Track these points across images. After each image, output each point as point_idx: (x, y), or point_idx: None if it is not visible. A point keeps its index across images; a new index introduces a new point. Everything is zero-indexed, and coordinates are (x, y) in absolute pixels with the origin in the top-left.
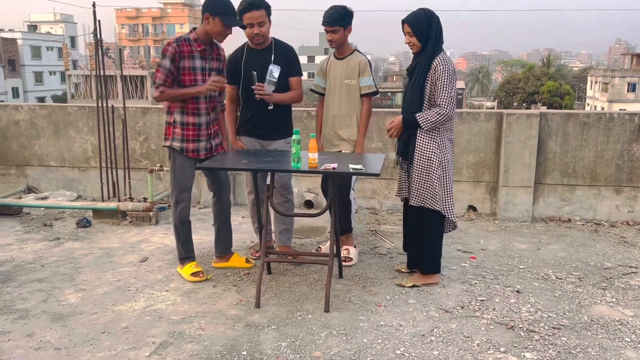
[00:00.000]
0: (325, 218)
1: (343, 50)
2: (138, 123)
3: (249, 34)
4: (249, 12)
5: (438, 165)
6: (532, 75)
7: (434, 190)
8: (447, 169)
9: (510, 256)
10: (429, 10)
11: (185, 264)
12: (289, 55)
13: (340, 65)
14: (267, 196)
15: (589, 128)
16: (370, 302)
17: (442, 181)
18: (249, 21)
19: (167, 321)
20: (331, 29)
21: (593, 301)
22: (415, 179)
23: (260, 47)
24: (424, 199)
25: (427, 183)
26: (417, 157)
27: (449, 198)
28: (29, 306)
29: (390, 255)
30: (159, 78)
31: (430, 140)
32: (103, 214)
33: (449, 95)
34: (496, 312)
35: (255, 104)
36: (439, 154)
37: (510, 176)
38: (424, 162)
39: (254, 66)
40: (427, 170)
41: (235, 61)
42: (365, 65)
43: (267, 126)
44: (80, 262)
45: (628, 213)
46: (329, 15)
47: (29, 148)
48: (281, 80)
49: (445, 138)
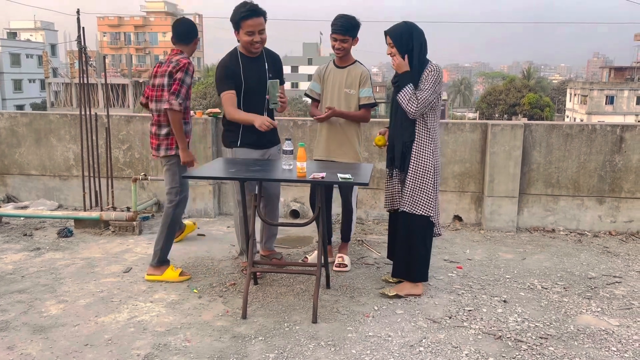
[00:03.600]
0: (311, 228)
1: (346, 59)
2: (122, 131)
3: (248, 41)
4: (251, 19)
5: (433, 173)
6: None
7: (428, 196)
8: (437, 175)
9: (496, 266)
10: (411, 23)
11: (164, 268)
12: (278, 63)
13: (340, 73)
14: (254, 205)
15: (572, 139)
16: (358, 313)
17: (434, 187)
18: (250, 29)
19: (152, 333)
20: (342, 38)
21: (579, 311)
22: (410, 186)
23: (253, 56)
24: (417, 205)
25: (422, 190)
26: (414, 165)
27: (438, 206)
28: (9, 318)
29: (377, 265)
30: (182, 94)
31: (427, 149)
32: (85, 223)
33: (427, 96)
34: (484, 322)
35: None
36: (433, 161)
37: (495, 186)
38: (421, 170)
39: (252, 76)
40: (423, 177)
41: (231, 68)
42: (367, 77)
43: (265, 135)
44: (61, 272)
45: (610, 223)
46: (341, 24)
47: (9, 156)
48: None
49: (436, 147)
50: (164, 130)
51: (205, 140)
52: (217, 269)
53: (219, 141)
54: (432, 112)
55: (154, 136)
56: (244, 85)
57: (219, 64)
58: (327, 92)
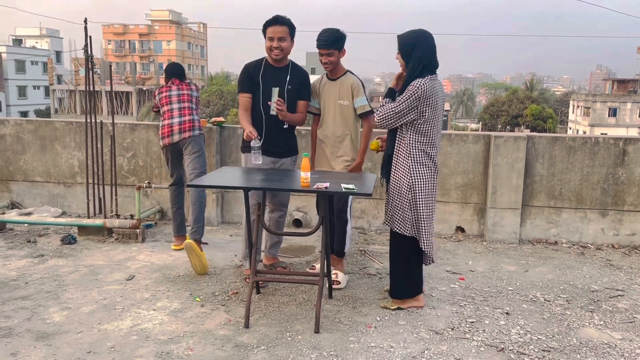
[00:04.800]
0: (314, 237)
1: (336, 71)
2: (126, 139)
3: (268, 47)
4: (272, 26)
5: (407, 190)
6: (515, 98)
7: (404, 214)
8: (421, 195)
9: (498, 278)
10: (421, 32)
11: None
12: (302, 78)
13: (333, 86)
14: (258, 215)
15: (574, 152)
16: (361, 323)
17: (414, 208)
18: (270, 35)
19: (154, 341)
20: (327, 52)
21: (582, 324)
22: (389, 200)
23: (278, 65)
24: (393, 221)
25: (397, 206)
26: (392, 179)
27: (425, 228)
28: (12, 324)
29: (379, 275)
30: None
31: (402, 166)
32: (89, 230)
33: (397, 108)
34: (486, 334)
35: (272, 121)
36: (409, 179)
37: (498, 198)
38: (394, 184)
39: (270, 83)
40: (399, 193)
41: (250, 72)
42: (358, 86)
43: (280, 145)
44: (65, 279)
45: (613, 236)
46: (325, 38)
47: (14, 163)
48: (292, 101)
49: (417, 163)
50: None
51: (210, 148)
52: (220, 278)
53: (223, 150)
54: (412, 128)
55: None
56: (262, 91)
57: (244, 66)
58: (323, 105)
